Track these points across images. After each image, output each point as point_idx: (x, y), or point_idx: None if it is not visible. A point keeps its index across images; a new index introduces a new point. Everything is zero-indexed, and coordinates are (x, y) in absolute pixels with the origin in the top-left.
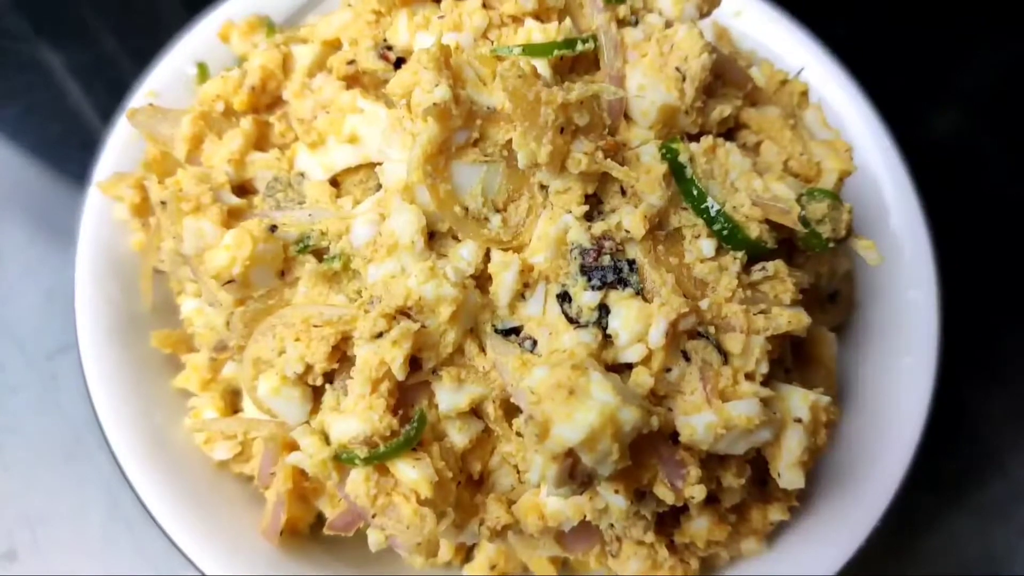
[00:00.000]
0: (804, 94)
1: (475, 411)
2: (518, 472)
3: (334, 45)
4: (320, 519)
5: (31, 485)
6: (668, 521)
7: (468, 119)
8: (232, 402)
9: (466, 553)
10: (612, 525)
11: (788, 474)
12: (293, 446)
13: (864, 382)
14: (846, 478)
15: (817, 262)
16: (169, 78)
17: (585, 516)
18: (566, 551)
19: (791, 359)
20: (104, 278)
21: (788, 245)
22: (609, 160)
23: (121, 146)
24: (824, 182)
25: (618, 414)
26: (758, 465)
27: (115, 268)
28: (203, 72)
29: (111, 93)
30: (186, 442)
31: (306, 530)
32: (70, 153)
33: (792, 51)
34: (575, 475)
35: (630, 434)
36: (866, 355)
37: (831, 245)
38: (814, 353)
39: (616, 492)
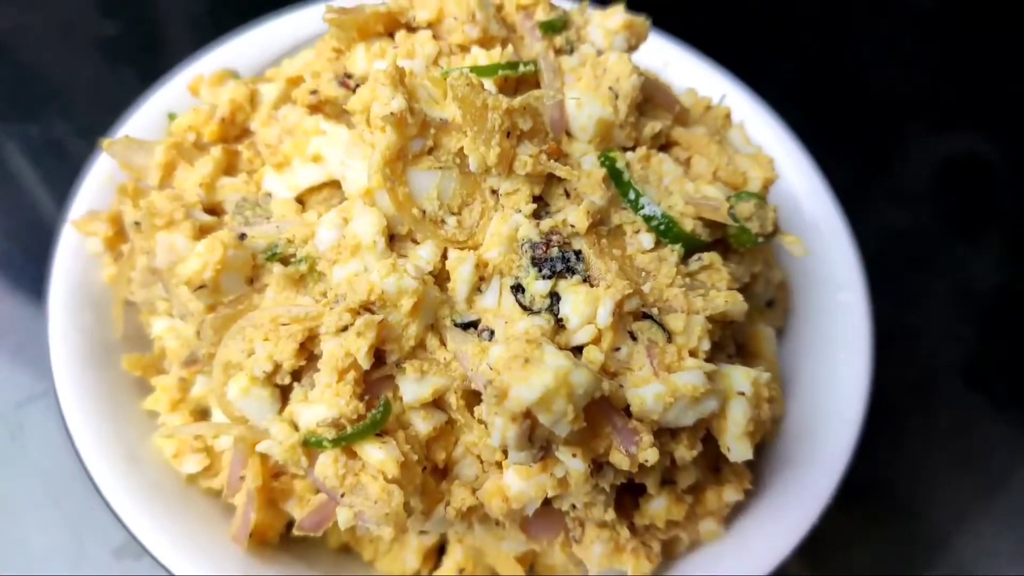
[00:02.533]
0: (727, 116)
1: (438, 404)
2: (481, 462)
3: (297, 81)
4: (289, 529)
5: None
6: (628, 504)
7: (422, 128)
8: (201, 420)
9: (435, 561)
10: (574, 507)
11: (737, 445)
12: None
13: (804, 378)
14: (795, 463)
15: (751, 261)
16: (143, 127)
17: (547, 494)
18: (531, 539)
19: (734, 350)
20: (77, 308)
21: (722, 246)
22: (552, 161)
23: (95, 188)
24: (750, 188)
25: (571, 376)
26: (709, 452)
27: (87, 299)
28: (173, 123)
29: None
30: (157, 459)
31: (276, 539)
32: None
33: (714, 86)
34: (534, 439)
35: (583, 397)
36: (804, 354)
37: (760, 240)
38: (755, 349)
39: (574, 456)
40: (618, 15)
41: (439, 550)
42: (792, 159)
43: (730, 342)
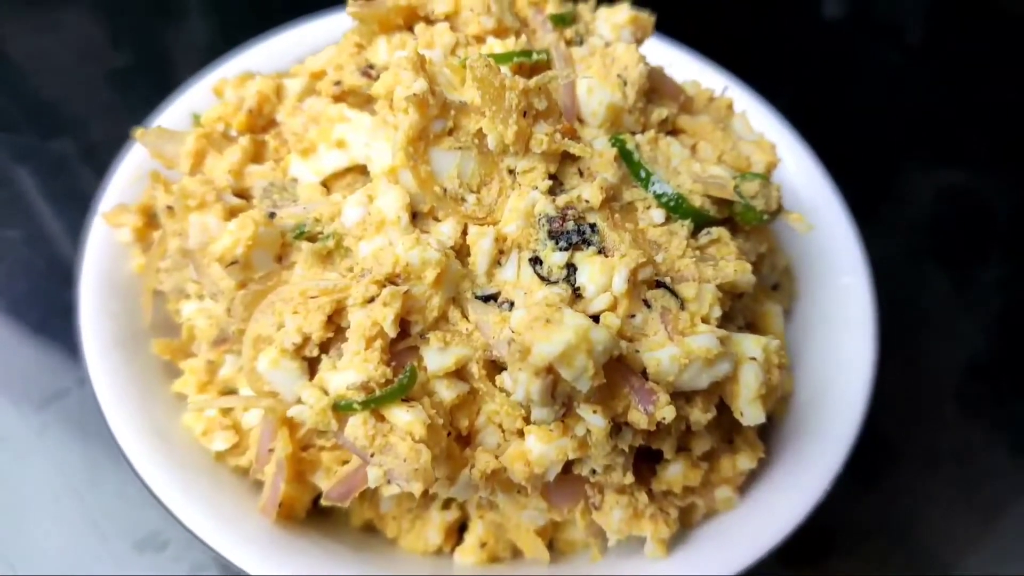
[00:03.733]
0: (730, 107)
1: (460, 374)
2: (503, 431)
3: (321, 75)
4: (315, 507)
5: (19, 530)
6: (645, 473)
7: (443, 110)
8: (228, 409)
9: (456, 539)
10: (594, 472)
11: (749, 410)
12: (290, 423)
13: (811, 355)
14: (805, 435)
15: (757, 240)
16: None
17: (568, 457)
18: (552, 507)
19: (744, 324)
20: (107, 297)
21: (730, 225)
22: (567, 140)
23: (123, 184)
24: (754, 171)
25: (590, 333)
26: (723, 423)
27: (117, 288)
28: (199, 123)
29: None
30: (186, 437)
31: (302, 514)
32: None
33: (716, 82)
34: (556, 395)
35: (602, 354)
36: (810, 334)
37: (765, 218)
38: (763, 325)
39: (595, 412)
40: (624, 10)
41: (460, 529)
42: (791, 150)
43: (739, 315)
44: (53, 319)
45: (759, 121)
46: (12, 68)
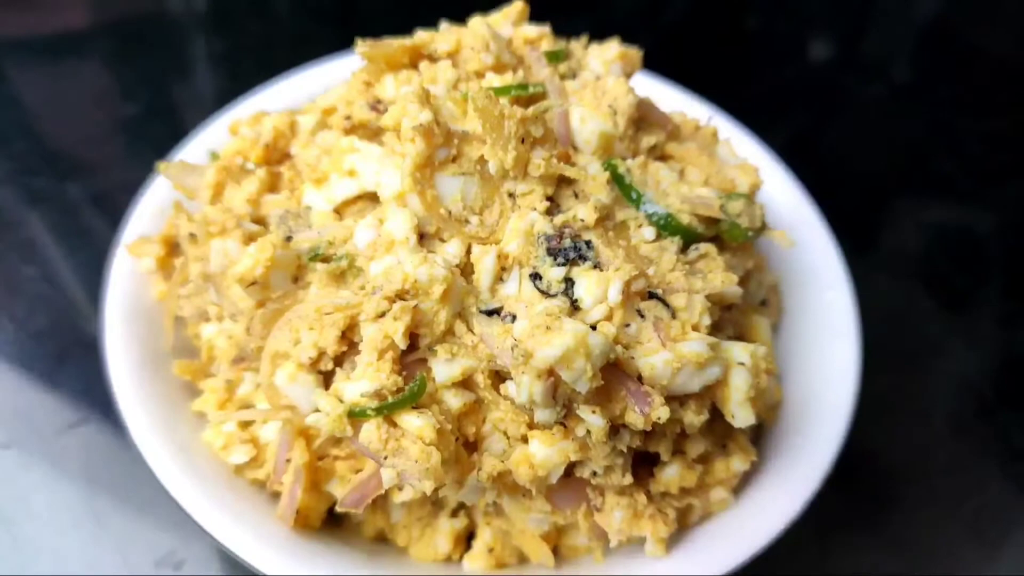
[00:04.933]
0: (714, 135)
1: (466, 385)
2: (507, 437)
3: (332, 112)
4: (330, 518)
5: (41, 551)
6: (643, 476)
7: (447, 139)
8: (246, 424)
9: (464, 547)
10: (595, 473)
11: (740, 412)
12: (306, 433)
13: (799, 366)
14: (794, 441)
15: (744, 257)
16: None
17: (570, 459)
18: (556, 509)
19: (733, 334)
20: (130, 321)
21: (717, 243)
22: (562, 164)
23: (145, 218)
24: (738, 191)
25: (588, 339)
26: (716, 430)
27: (140, 314)
28: (216, 159)
29: None
30: (207, 452)
31: (317, 523)
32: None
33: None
34: (557, 396)
35: (599, 357)
36: (798, 346)
37: (750, 234)
38: (752, 337)
39: (594, 412)
40: (614, 47)
41: (468, 541)
42: (773, 173)
43: (729, 327)
44: (72, 350)
45: (741, 148)
46: (30, 115)
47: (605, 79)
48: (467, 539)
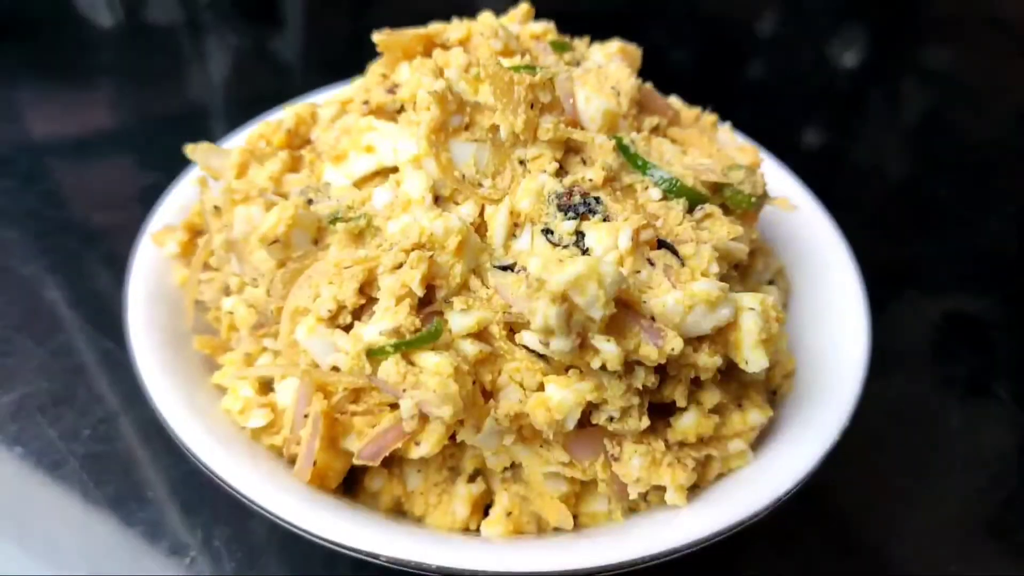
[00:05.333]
0: (714, 123)
1: (482, 337)
2: (523, 388)
3: (350, 102)
4: (347, 492)
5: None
6: (660, 427)
7: (460, 106)
8: (264, 391)
9: (482, 516)
10: (611, 418)
11: (752, 355)
12: (324, 388)
13: (810, 340)
14: (808, 403)
15: (748, 229)
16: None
17: (586, 401)
18: (574, 459)
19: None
20: (152, 303)
21: (722, 211)
22: (570, 128)
23: (172, 211)
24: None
25: (599, 267)
26: (730, 389)
27: (162, 297)
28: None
29: None
30: (226, 419)
31: (334, 484)
32: None
33: None
34: (572, 324)
35: (612, 285)
36: (808, 323)
37: (754, 200)
38: None
39: (608, 341)
40: (615, 43)
41: (485, 511)
42: (768, 163)
43: (737, 285)
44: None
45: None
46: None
47: (608, 66)
48: (484, 511)
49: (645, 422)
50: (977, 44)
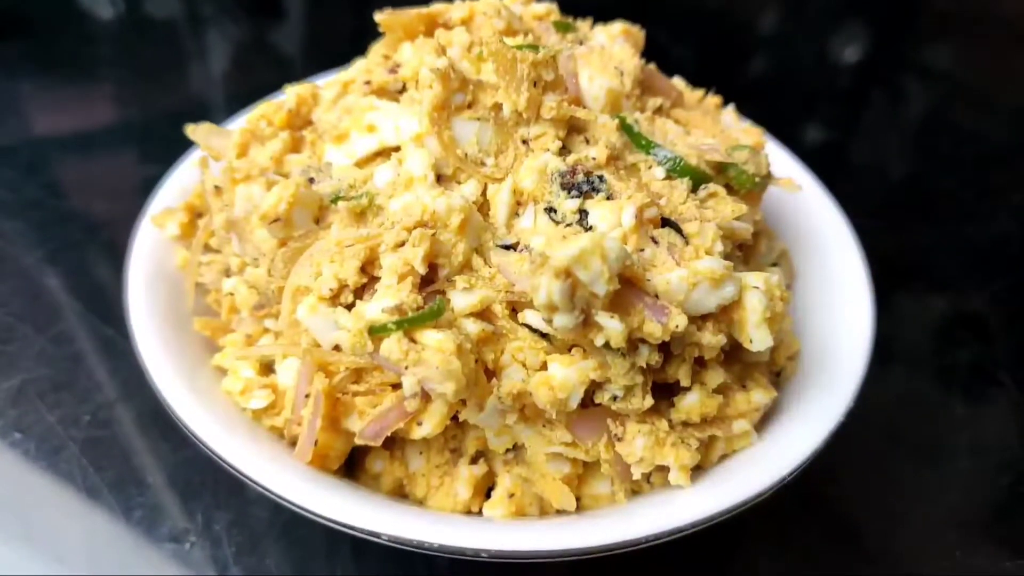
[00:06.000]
0: (718, 105)
1: (484, 316)
2: (526, 368)
3: (352, 83)
4: (348, 475)
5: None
6: (663, 407)
7: (462, 84)
8: (265, 372)
9: (483, 499)
10: (615, 397)
11: (757, 333)
12: (326, 368)
13: (814, 323)
14: (813, 383)
15: (752, 210)
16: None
17: (589, 379)
18: (577, 439)
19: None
20: (152, 285)
21: (726, 191)
22: (573, 107)
23: (172, 195)
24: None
25: (603, 242)
26: (734, 370)
27: (162, 279)
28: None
29: None
30: (227, 400)
31: (335, 466)
32: None
33: None
34: (576, 300)
35: (615, 261)
36: (813, 305)
37: (757, 180)
38: None
39: (612, 317)
40: (618, 24)
41: (486, 494)
42: (771, 145)
43: (741, 265)
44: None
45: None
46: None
47: (611, 46)
48: (487, 493)
49: (649, 401)
50: (978, 40)
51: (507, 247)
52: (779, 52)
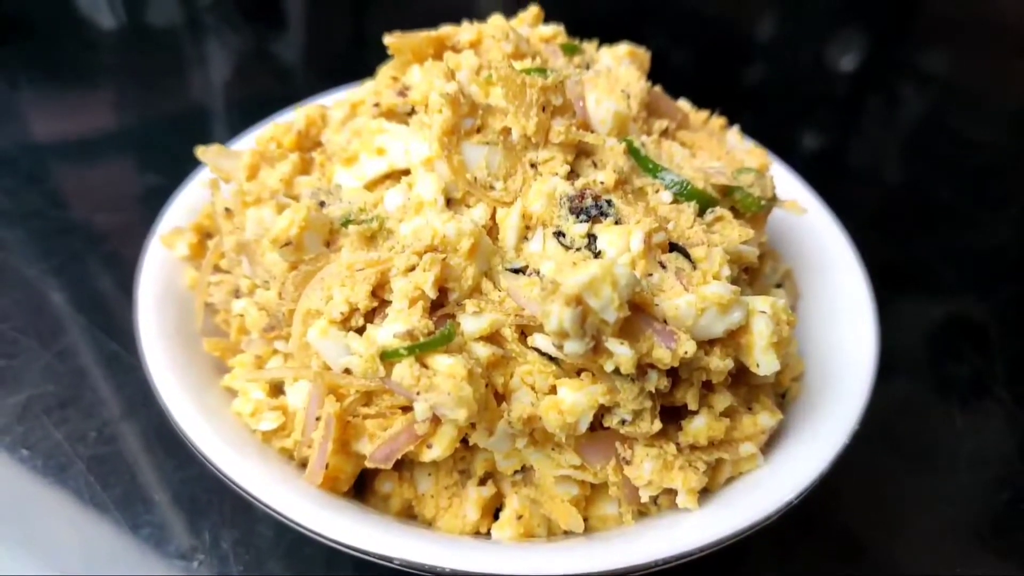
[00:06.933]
0: (723, 127)
1: (494, 340)
2: (535, 391)
3: (360, 104)
4: (357, 496)
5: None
6: (671, 431)
7: (472, 109)
8: (275, 393)
9: (492, 520)
10: (623, 421)
11: (764, 358)
12: (336, 391)
13: (818, 343)
14: (818, 403)
15: (758, 232)
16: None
17: (598, 404)
18: (585, 462)
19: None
20: (162, 305)
21: (732, 214)
22: (581, 131)
23: (181, 213)
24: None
25: (614, 269)
26: (740, 393)
27: (171, 299)
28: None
29: None
30: (236, 422)
31: (344, 488)
32: None
33: None
34: (586, 327)
35: (626, 288)
36: (816, 326)
37: (763, 203)
38: None
39: (622, 344)
40: (623, 46)
41: (495, 514)
42: (775, 166)
43: (746, 287)
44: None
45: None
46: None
47: (617, 69)
48: (495, 514)
49: (657, 425)
50: (975, 46)
51: (516, 271)
52: (776, 58)
